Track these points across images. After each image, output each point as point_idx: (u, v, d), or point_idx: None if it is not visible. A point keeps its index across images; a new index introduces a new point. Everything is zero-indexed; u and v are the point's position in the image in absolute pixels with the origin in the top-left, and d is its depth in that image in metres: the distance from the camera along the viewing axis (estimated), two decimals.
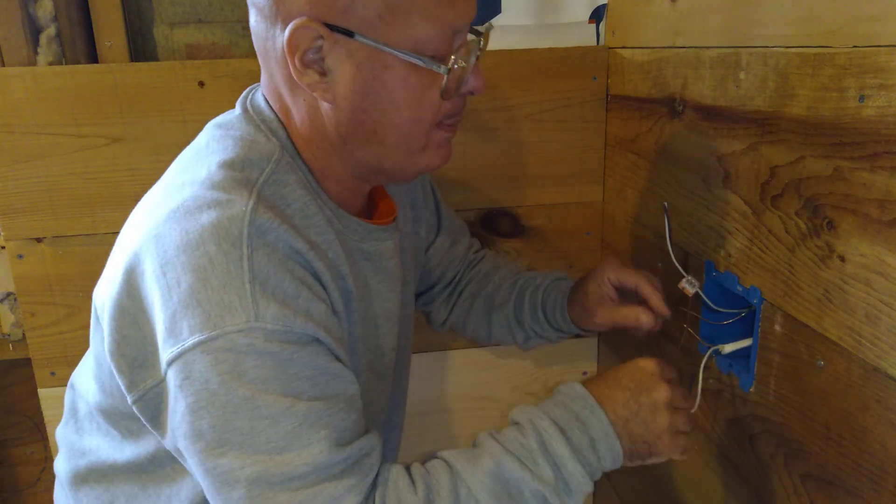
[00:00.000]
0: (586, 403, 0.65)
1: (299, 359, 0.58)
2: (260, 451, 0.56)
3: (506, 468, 0.61)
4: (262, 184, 0.63)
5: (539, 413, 0.65)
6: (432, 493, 0.60)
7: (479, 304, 0.96)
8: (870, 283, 0.57)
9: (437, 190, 0.96)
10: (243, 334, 0.56)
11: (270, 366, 0.57)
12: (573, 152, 1.12)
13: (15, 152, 0.98)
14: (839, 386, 0.62)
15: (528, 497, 0.61)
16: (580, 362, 1.25)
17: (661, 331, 0.82)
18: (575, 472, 0.62)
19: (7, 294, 1.24)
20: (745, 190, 0.74)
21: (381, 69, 0.61)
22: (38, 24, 0.99)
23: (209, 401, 0.56)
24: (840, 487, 0.63)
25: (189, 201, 0.61)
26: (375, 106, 0.63)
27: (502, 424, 0.68)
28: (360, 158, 0.67)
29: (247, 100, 0.70)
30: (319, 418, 0.58)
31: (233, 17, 1.07)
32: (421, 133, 0.65)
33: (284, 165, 0.66)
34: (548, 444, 0.62)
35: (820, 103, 0.61)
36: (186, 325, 0.56)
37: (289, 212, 0.64)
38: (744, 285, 0.75)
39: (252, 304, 0.56)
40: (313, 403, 0.58)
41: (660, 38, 0.91)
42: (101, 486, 0.72)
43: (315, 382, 0.59)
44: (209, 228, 0.58)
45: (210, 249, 0.58)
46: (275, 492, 0.56)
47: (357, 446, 0.60)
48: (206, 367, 0.56)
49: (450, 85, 0.63)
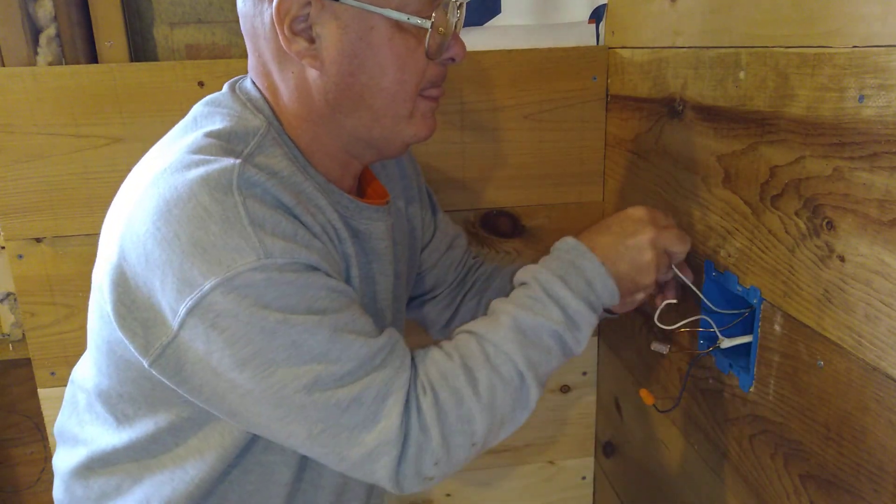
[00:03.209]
0: (579, 251, 0.72)
1: (313, 283, 0.61)
2: (307, 360, 0.60)
3: (522, 319, 0.68)
4: (247, 155, 0.65)
5: (539, 269, 0.72)
6: (465, 357, 0.67)
7: (487, 298, 0.95)
8: (870, 283, 0.57)
9: (432, 193, 0.96)
10: (258, 271, 0.58)
11: (290, 293, 0.59)
12: (573, 152, 1.12)
13: (15, 152, 0.98)
14: (839, 386, 0.62)
15: (545, 338, 0.69)
16: (580, 362, 1.25)
17: (661, 331, 0.82)
18: (579, 308, 0.70)
19: (7, 294, 1.24)
20: (744, 190, 0.74)
21: (366, 31, 0.63)
22: (37, 24, 0.99)
23: (245, 330, 0.59)
24: (840, 487, 0.63)
25: (174, 163, 0.62)
26: (362, 69, 0.65)
27: None
28: (350, 129, 0.69)
29: (235, 84, 0.72)
30: (347, 324, 0.62)
31: (233, 17, 1.07)
32: (407, 97, 0.68)
33: (270, 140, 0.67)
34: (551, 291, 0.70)
35: (819, 103, 0.61)
36: (198, 272, 0.58)
37: (278, 178, 0.65)
38: (743, 285, 0.75)
39: (258, 243, 0.58)
40: (338, 314, 0.62)
41: (660, 38, 0.91)
42: (105, 473, 0.73)
43: (332, 299, 0.62)
44: (198, 181, 0.60)
45: (203, 199, 0.59)
46: (332, 390, 0.61)
47: (386, 337, 0.65)
48: (232, 304, 0.58)
49: (432, 43, 0.66)
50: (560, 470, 1.32)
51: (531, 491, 1.32)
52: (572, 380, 1.26)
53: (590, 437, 1.31)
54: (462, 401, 0.64)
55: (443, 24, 0.65)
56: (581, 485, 1.34)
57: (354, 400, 0.61)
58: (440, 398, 0.64)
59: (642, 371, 1.06)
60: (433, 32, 0.65)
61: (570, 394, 1.27)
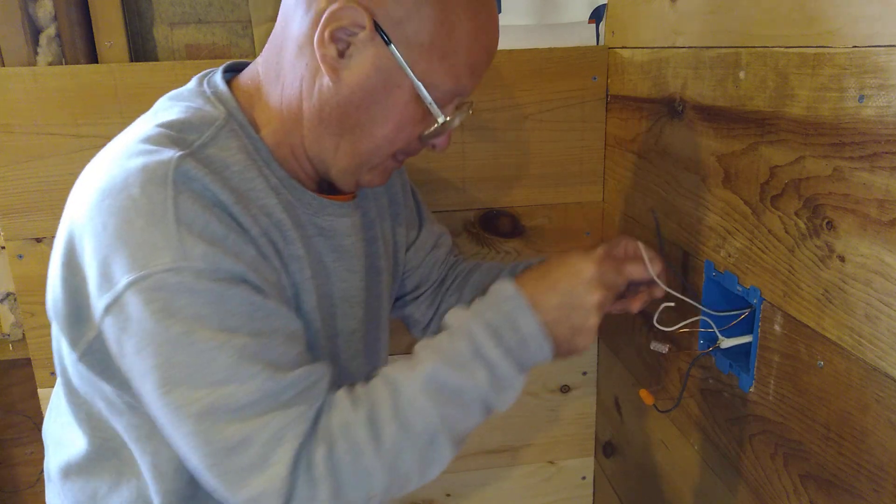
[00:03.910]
0: (519, 305, 0.66)
1: (233, 295, 0.58)
2: (205, 383, 0.57)
3: (443, 375, 0.63)
4: (198, 146, 0.64)
5: (472, 318, 0.66)
6: (373, 408, 0.62)
7: (466, 295, 0.95)
8: (869, 283, 0.57)
9: (416, 191, 0.95)
10: (172, 273, 0.56)
11: (203, 303, 0.57)
12: (573, 152, 1.12)
13: (15, 152, 0.98)
14: (839, 386, 0.62)
15: (467, 398, 0.64)
16: (580, 362, 1.25)
17: (662, 331, 0.82)
18: (508, 372, 0.64)
19: (7, 294, 1.24)
20: (744, 190, 0.74)
21: (393, 83, 0.64)
22: (37, 24, 0.99)
23: (148, 340, 0.57)
24: (840, 487, 0.63)
25: (117, 152, 0.62)
26: (368, 109, 0.65)
27: (502, 424, 0.68)
28: (321, 147, 0.68)
29: (204, 76, 0.72)
30: (258, 352, 0.58)
31: (232, 17, 1.07)
32: (385, 153, 0.69)
33: (227, 132, 0.66)
34: (481, 349, 0.64)
35: (819, 103, 0.61)
36: (117, 268, 0.57)
37: (227, 173, 0.64)
38: (743, 285, 0.75)
39: (179, 244, 0.56)
40: (250, 338, 0.58)
41: (660, 38, 0.91)
42: (82, 478, 0.72)
43: (249, 317, 0.59)
44: (134, 172, 0.59)
45: (134, 192, 0.58)
46: (224, 423, 0.57)
47: (302, 374, 0.60)
48: (140, 308, 0.56)
49: (432, 130, 0.68)
50: (560, 470, 1.32)
51: (531, 491, 1.32)
52: (572, 380, 1.26)
53: (590, 437, 1.31)
54: (360, 456, 0.60)
55: (451, 117, 0.68)
56: (581, 485, 1.34)
57: (244, 440, 0.57)
58: (336, 452, 0.59)
59: (642, 371, 1.06)
60: (437, 125, 0.67)
61: (570, 394, 1.27)
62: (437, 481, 0.66)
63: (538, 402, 1.26)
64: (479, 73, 0.68)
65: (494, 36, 0.69)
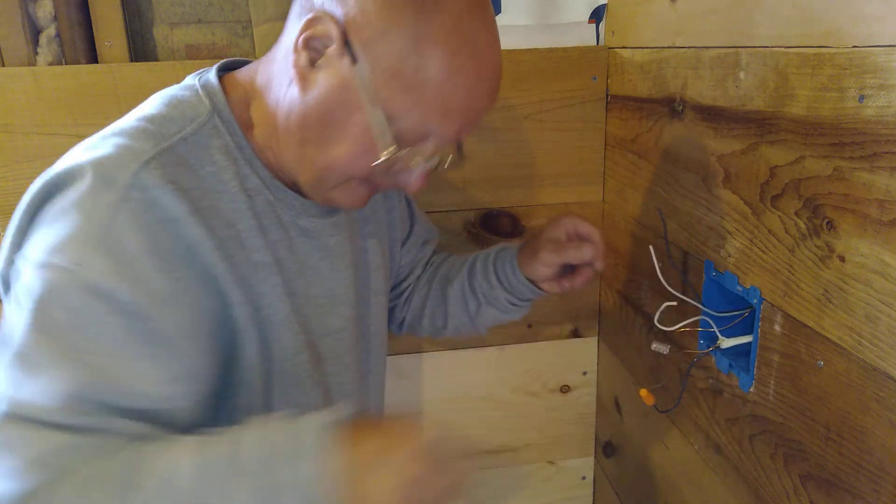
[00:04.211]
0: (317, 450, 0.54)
1: (105, 323, 0.56)
2: (20, 389, 0.55)
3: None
4: (176, 140, 0.63)
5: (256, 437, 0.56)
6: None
7: (435, 286, 0.95)
8: (870, 283, 0.57)
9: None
10: (63, 273, 0.56)
11: (71, 314, 0.56)
12: (573, 152, 1.12)
13: (15, 152, 0.98)
14: (839, 386, 0.62)
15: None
16: (580, 362, 1.25)
17: (660, 331, 0.82)
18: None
19: None
20: (744, 190, 0.74)
21: (355, 106, 0.61)
22: (37, 24, 0.99)
23: (11, 314, 0.58)
24: (840, 487, 0.63)
25: (91, 140, 0.63)
26: (327, 126, 0.63)
27: (502, 424, 0.68)
28: (288, 154, 0.67)
29: (199, 74, 0.71)
30: (90, 386, 0.55)
31: (232, 17, 1.07)
32: (341, 175, 0.66)
33: (209, 129, 0.66)
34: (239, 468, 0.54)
35: (819, 103, 0.61)
36: (34, 240, 0.59)
37: (202, 173, 0.64)
38: (743, 285, 0.75)
39: (88, 249, 0.56)
40: (91, 372, 0.55)
41: (660, 39, 0.91)
42: None
43: (111, 354, 0.56)
44: (93, 163, 0.60)
45: (84, 184, 0.59)
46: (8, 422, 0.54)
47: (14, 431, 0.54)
48: (26, 286, 0.57)
49: (382, 166, 0.63)
50: (560, 470, 1.32)
51: (531, 491, 1.32)
52: (572, 380, 1.26)
53: (590, 437, 1.31)
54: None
55: (414, 158, 0.64)
56: (581, 485, 1.34)
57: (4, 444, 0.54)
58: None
59: (642, 371, 1.06)
60: (387, 160, 0.63)
61: (570, 394, 1.27)
62: None
63: (538, 402, 1.26)
64: (455, 117, 0.63)
65: (479, 81, 0.63)
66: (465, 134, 0.66)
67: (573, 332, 1.23)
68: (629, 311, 1.08)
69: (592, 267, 0.82)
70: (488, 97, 0.65)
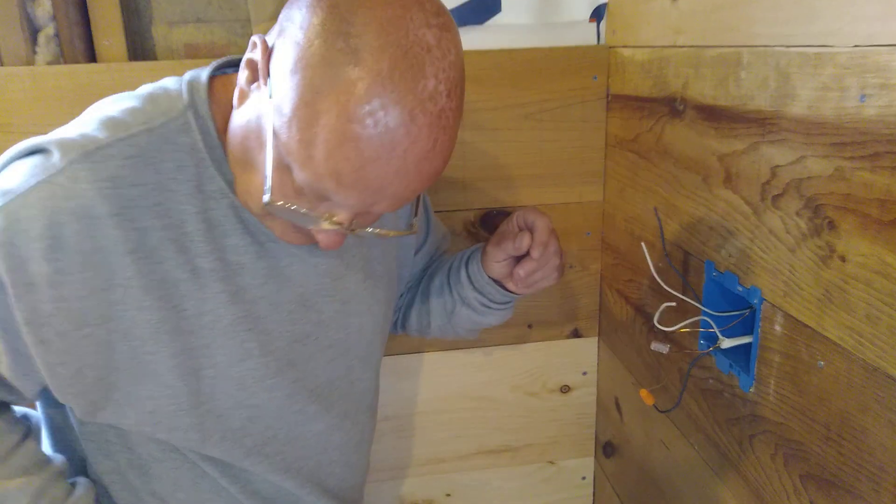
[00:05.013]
0: None
1: None
2: None
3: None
4: (139, 131, 0.62)
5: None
6: None
7: (423, 284, 0.95)
8: (870, 283, 0.57)
9: (425, 194, 0.93)
10: None
11: None
12: (573, 152, 1.12)
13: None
14: (839, 386, 0.62)
15: None
16: (580, 362, 1.25)
17: (660, 331, 0.82)
18: None
19: None
20: (745, 190, 0.74)
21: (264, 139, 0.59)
22: (36, 23, 0.99)
23: None
24: (840, 487, 0.63)
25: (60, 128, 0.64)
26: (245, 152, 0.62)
27: (502, 424, 0.67)
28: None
29: (194, 72, 0.70)
30: None
31: (231, 16, 1.07)
32: (255, 210, 0.64)
33: (179, 125, 0.64)
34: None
35: (821, 103, 0.61)
36: None
37: (160, 168, 0.63)
38: (744, 285, 0.75)
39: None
40: None
41: (660, 38, 0.91)
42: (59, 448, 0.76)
43: None
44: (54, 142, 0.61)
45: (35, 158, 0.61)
46: None
47: None
48: None
49: (270, 208, 0.59)
50: (560, 470, 1.32)
51: (531, 491, 1.32)
52: (572, 380, 1.26)
53: (590, 437, 1.31)
54: None
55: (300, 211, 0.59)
56: (581, 485, 1.34)
57: None
58: None
59: (642, 371, 1.06)
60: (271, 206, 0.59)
61: (570, 394, 1.27)
62: (437, 481, 0.66)
63: (538, 402, 1.26)
64: (350, 188, 0.55)
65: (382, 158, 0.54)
66: (380, 208, 0.59)
67: (573, 332, 1.23)
68: (629, 311, 1.08)
69: (530, 256, 0.78)
70: (403, 175, 0.55)
